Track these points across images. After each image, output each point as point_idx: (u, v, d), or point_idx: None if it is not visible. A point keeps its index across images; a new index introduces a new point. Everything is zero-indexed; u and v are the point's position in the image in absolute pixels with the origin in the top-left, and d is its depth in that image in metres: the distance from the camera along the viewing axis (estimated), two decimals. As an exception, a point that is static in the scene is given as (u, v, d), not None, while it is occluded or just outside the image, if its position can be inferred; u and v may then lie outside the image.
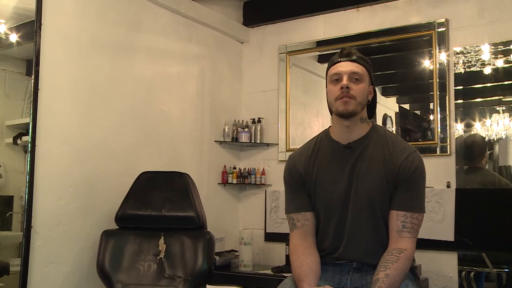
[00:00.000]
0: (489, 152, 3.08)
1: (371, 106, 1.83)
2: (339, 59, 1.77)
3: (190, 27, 3.47)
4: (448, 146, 3.10)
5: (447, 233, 2.95)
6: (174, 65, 3.32)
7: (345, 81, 1.72)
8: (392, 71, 3.60)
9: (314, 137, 1.91)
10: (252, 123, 3.79)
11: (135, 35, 3.04)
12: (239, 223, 3.86)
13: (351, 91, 1.71)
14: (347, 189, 1.75)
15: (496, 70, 3.03)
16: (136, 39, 3.04)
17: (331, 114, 1.83)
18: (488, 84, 3.08)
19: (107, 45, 2.84)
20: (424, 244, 2.89)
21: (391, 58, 3.57)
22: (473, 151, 3.09)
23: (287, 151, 3.69)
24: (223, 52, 3.80)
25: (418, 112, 3.54)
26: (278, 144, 3.76)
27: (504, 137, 3.01)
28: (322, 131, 1.90)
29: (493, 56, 3.03)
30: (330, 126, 1.87)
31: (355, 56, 1.76)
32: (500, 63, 3.01)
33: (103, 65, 2.81)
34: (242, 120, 3.83)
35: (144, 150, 3.04)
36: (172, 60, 3.31)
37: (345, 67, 1.74)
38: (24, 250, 2.35)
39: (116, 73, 2.89)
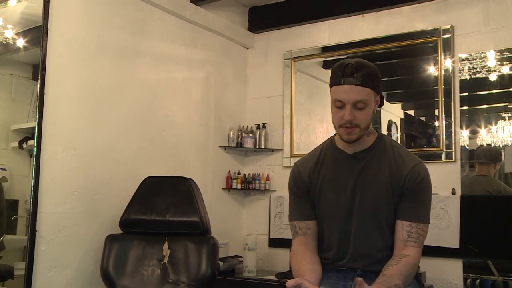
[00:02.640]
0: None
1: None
2: (342, 81, 1.64)
3: (196, 32, 3.48)
4: (453, 152, 3.09)
5: (452, 240, 2.94)
6: (179, 70, 3.33)
7: (348, 115, 1.64)
8: (397, 77, 3.59)
9: (320, 145, 1.90)
10: (257, 128, 3.80)
11: (141, 40, 3.05)
12: (243, 228, 3.86)
13: (354, 121, 1.66)
14: (351, 199, 1.75)
15: (501, 76, 3.02)
16: (142, 44, 3.05)
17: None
18: (494, 91, 3.07)
19: (112, 50, 2.85)
20: (429, 251, 2.85)
21: (396, 64, 3.56)
22: (487, 156, 3.06)
23: (291, 156, 3.69)
24: (228, 57, 3.80)
25: (423, 118, 3.53)
26: (282, 149, 3.76)
27: (510, 144, 2.99)
28: (327, 139, 1.89)
29: (499, 62, 3.02)
30: (335, 134, 1.85)
31: (359, 79, 1.62)
32: (505, 69, 3.00)
33: (108, 70, 2.82)
34: (247, 126, 3.83)
35: (148, 154, 3.05)
36: (177, 65, 3.31)
37: (348, 94, 1.63)
38: (29, 254, 2.35)
39: (122, 78, 2.90)
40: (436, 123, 3.18)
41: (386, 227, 1.73)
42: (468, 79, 3.10)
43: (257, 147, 3.76)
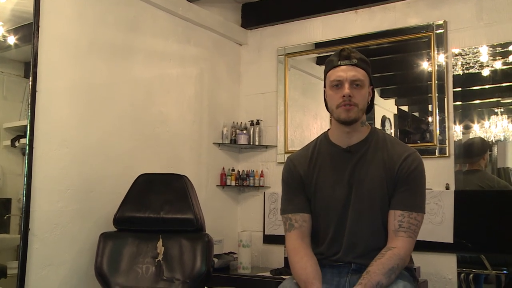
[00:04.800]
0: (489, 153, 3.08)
1: (369, 105, 1.83)
2: (339, 63, 1.73)
3: (188, 29, 3.47)
4: (447, 147, 3.10)
5: (446, 235, 2.94)
6: (172, 67, 3.32)
7: (346, 89, 1.69)
8: (391, 73, 3.59)
9: (313, 140, 1.90)
10: (251, 125, 3.79)
11: (133, 38, 3.03)
12: (238, 225, 3.85)
13: (353, 99, 1.70)
14: (347, 193, 1.75)
15: (494, 72, 3.03)
16: (134, 41, 3.04)
17: (331, 115, 1.82)
18: (487, 86, 3.08)
19: (105, 47, 2.83)
20: (423, 246, 2.87)
21: (389, 60, 3.56)
22: (471, 152, 3.09)
23: (285, 153, 3.70)
24: (221, 54, 3.79)
25: (416, 114, 3.54)
26: (276, 146, 3.76)
27: (502, 139, 3.01)
28: (321, 134, 1.89)
29: (491, 58, 3.02)
30: (329, 129, 1.87)
31: (355, 59, 1.72)
32: (498, 65, 3.01)
33: (101, 67, 2.80)
34: (241, 122, 3.82)
35: (142, 152, 3.04)
36: (170, 62, 3.30)
37: (345, 72, 1.70)
38: (22, 252, 2.33)
39: (114, 75, 2.88)
40: (430, 119, 3.19)
41: (381, 220, 1.73)
42: (461, 74, 3.11)
43: (251, 143, 3.75)
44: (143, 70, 3.09)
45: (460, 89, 3.12)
